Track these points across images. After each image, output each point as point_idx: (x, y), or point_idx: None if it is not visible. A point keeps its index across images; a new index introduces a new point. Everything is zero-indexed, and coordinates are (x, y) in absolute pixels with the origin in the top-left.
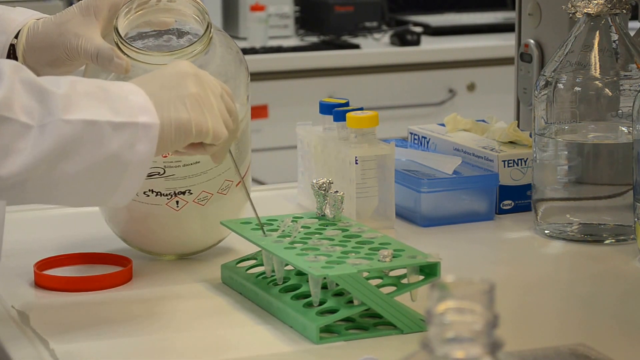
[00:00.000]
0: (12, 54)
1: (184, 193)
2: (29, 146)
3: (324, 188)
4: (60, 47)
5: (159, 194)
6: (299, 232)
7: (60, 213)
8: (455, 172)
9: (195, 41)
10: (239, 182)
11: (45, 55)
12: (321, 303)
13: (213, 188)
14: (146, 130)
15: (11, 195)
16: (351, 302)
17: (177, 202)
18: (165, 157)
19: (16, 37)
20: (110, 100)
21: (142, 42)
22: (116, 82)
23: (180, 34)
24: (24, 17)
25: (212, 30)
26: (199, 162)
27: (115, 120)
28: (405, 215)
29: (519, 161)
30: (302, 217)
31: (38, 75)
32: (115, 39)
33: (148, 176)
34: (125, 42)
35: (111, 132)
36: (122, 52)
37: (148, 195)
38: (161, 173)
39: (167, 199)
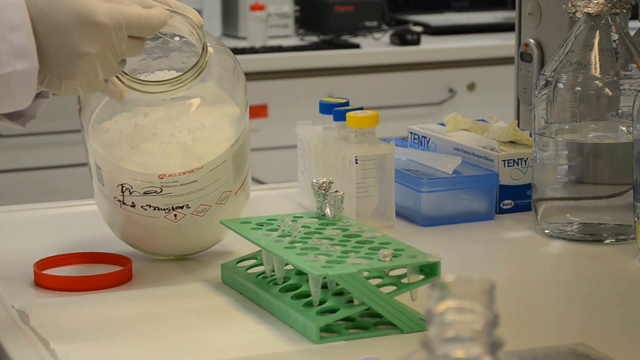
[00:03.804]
0: None
1: (181, 207)
2: None
3: (324, 188)
4: None
5: (156, 208)
6: (299, 232)
7: (60, 213)
8: (455, 171)
9: (191, 68)
10: (238, 190)
11: None
12: (321, 303)
13: (211, 201)
14: (22, 77)
15: None
16: (351, 301)
17: (175, 215)
18: (162, 177)
19: None
20: None
21: None
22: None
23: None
24: None
25: (207, 52)
26: (196, 180)
27: None
28: (405, 214)
29: (519, 161)
30: (302, 217)
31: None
32: None
33: (144, 193)
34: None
35: None
36: (117, 77)
37: (146, 209)
38: (158, 192)
39: (165, 212)
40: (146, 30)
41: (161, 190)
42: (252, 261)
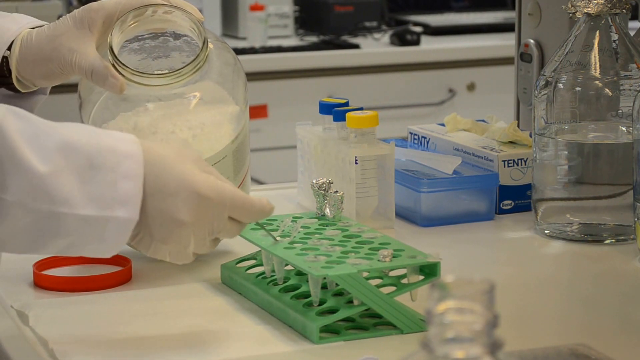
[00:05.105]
0: (5, 66)
1: None
2: None
3: (323, 188)
4: (54, 62)
5: None
6: (299, 232)
7: None
8: (455, 172)
9: (191, 61)
10: (238, 187)
11: (39, 69)
12: (321, 303)
13: None
14: (119, 224)
15: None
16: (351, 302)
17: None
18: None
19: (9, 48)
20: (94, 183)
21: (138, 44)
22: (118, 153)
23: (177, 35)
24: (18, 27)
25: (208, 47)
26: None
27: (83, 212)
28: (405, 215)
29: (519, 161)
30: (301, 217)
31: (34, 85)
32: (110, 59)
33: None
34: (121, 62)
35: (75, 224)
36: (117, 71)
37: None
38: None
39: None
40: (248, 215)
41: None
42: (252, 261)
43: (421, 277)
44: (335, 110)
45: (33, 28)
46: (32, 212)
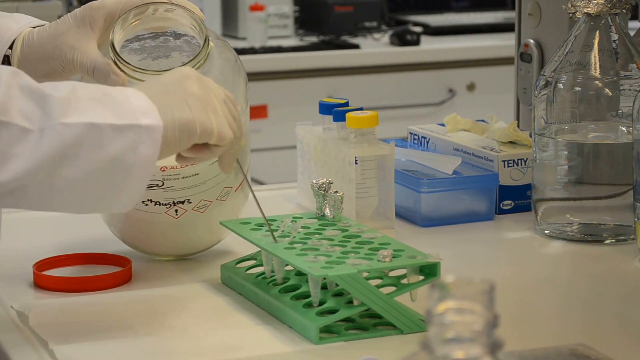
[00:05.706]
0: (6, 64)
1: (182, 202)
2: (27, 151)
3: (323, 188)
4: (55, 60)
5: (157, 203)
6: (299, 232)
7: (59, 213)
8: (455, 172)
9: (193, 58)
10: (238, 187)
11: (40, 67)
12: (321, 303)
13: (212, 196)
14: (149, 132)
15: (11, 201)
16: (351, 302)
17: (177, 210)
18: (164, 170)
19: (11, 47)
20: (112, 103)
21: (139, 44)
22: (117, 87)
23: (177, 35)
24: (19, 26)
25: (209, 44)
26: (197, 174)
27: (117, 122)
28: (405, 215)
29: (519, 161)
30: (301, 217)
31: None
32: (111, 56)
33: (147, 187)
34: (122, 59)
35: (113, 134)
36: (119, 68)
37: (147, 205)
38: (160, 185)
39: (167, 208)
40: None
41: (163, 184)
42: (252, 262)
43: (421, 278)
44: (335, 111)
45: (34, 27)
46: (73, 127)
